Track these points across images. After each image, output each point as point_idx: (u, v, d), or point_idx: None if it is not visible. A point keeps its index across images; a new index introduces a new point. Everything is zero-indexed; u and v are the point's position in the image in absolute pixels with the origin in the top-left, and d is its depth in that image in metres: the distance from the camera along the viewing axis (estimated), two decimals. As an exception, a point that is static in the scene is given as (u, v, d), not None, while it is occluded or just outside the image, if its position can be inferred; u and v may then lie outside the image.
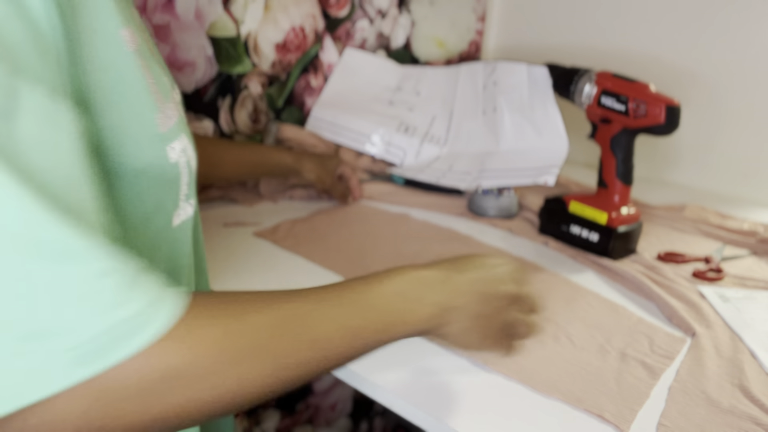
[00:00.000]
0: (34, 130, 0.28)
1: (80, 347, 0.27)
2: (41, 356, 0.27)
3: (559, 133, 0.89)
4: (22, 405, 0.26)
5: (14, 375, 0.26)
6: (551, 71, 0.86)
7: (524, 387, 0.52)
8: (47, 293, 0.27)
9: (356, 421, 1.38)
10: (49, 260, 0.27)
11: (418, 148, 1.06)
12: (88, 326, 0.27)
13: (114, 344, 0.28)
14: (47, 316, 0.27)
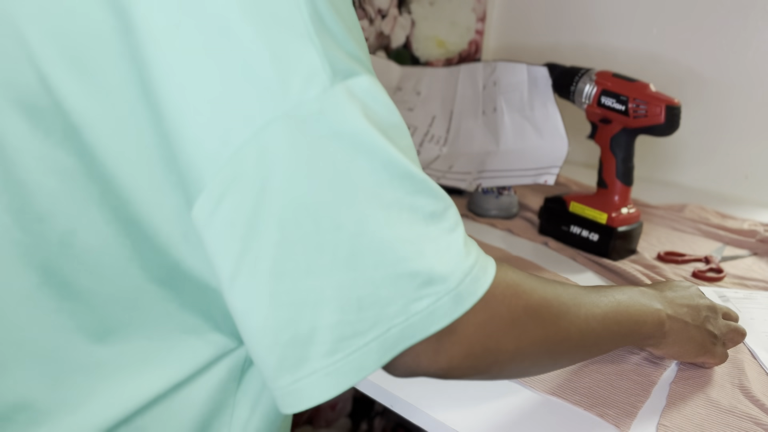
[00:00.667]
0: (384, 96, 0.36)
1: (456, 288, 0.35)
2: (434, 298, 0.35)
3: (559, 133, 0.89)
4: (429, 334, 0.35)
5: (419, 314, 0.35)
6: (551, 71, 0.86)
7: (524, 387, 0.52)
8: (432, 248, 0.35)
9: (356, 421, 1.38)
10: (428, 222, 0.35)
11: (418, 148, 1.06)
12: (457, 272, 0.35)
13: (474, 284, 0.36)
14: (434, 266, 0.35)
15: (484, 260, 0.38)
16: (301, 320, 0.34)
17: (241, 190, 0.33)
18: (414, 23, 1.23)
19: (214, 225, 0.34)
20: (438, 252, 0.35)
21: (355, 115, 0.34)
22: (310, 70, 0.33)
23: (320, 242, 0.33)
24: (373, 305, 0.34)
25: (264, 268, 0.33)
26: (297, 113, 0.32)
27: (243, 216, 0.33)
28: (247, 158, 0.32)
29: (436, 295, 0.35)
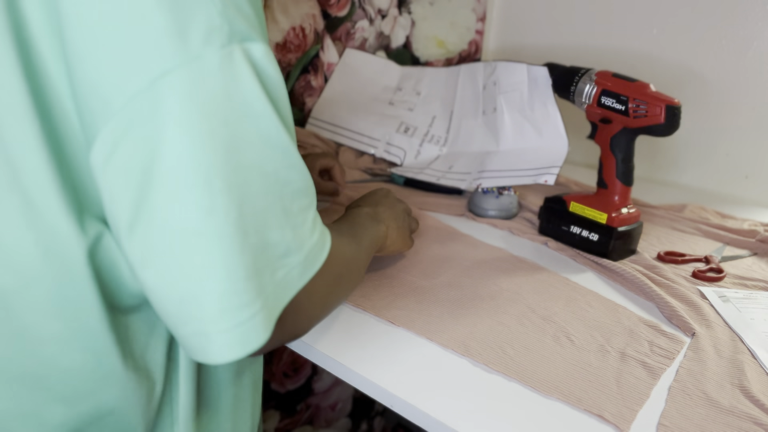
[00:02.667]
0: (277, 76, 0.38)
1: (304, 260, 0.40)
2: (289, 267, 0.39)
3: (559, 133, 0.89)
4: (288, 299, 0.40)
5: (280, 281, 0.39)
6: (551, 71, 0.86)
7: (524, 387, 0.52)
8: (291, 223, 0.39)
9: (356, 421, 1.38)
10: (293, 197, 0.39)
11: (418, 148, 1.06)
12: (307, 245, 0.41)
13: (316, 257, 0.42)
14: (291, 238, 0.39)
15: (324, 235, 0.44)
16: (189, 279, 0.35)
17: (135, 138, 0.33)
18: (414, 23, 1.23)
19: (109, 171, 0.35)
20: (294, 227, 0.40)
21: (249, 77, 0.35)
22: (209, 26, 0.34)
23: (209, 200, 0.34)
24: (254, 276, 0.37)
25: (157, 222, 0.34)
26: (194, 67, 0.33)
27: (137, 165, 0.34)
28: (142, 107, 0.33)
29: (290, 266, 0.40)
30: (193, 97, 0.33)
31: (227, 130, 0.35)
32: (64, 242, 0.38)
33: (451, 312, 0.63)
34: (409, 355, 0.56)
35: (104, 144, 0.34)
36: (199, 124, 0.34)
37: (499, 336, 0.59)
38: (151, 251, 0.35)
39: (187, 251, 0.35)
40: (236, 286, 0.36)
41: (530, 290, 0.69)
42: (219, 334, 0.36)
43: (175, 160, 0.34)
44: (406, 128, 1.08)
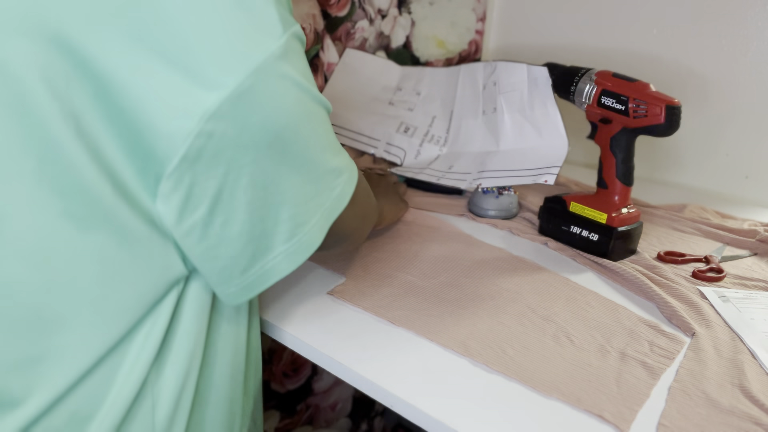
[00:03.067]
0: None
1: (350, 176, 0.51)
2: (341, 185, 0.49)
3: (559, 133, 0.89)
4: (343, 207, 0.50)
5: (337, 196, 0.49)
6: (551, 71, 0.86)
7: (524, 387, 0.52)
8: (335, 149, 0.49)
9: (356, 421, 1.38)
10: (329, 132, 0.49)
11: (418, 148, 1.06)
12: (349, 167, 0.51)
13: (354, 171, 0.52)
14: (338, 163, 0.49)
15: (352, 162, 0.53)
16: (269, 217, 0.45)
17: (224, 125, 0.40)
18: (414, 23, 1.23)
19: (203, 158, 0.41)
20: (337, 154, 0.49)
21: (300, 57, 0.44)
22: (273, 24, 0.42)
23: (285, 156, 0.44)
24: (315, 196, 0.47)
25: (244, 181, 0.42)
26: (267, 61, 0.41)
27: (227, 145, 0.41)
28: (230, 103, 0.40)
29: (342, 182, 0.49)
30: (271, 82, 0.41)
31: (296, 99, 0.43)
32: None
33: (451, 312, 0.63)
34: (409, 355, 0.56)
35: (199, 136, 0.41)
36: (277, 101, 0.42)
37: (499, 336, 0.59)
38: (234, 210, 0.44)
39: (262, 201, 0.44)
40: (304, 207, 0.46)
41: (530, 290, 0.69)
42: (282, 255, 0.47)
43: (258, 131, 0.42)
44: (406, 128, 1.08)
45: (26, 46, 0.38)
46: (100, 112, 0.39)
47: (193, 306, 0.48)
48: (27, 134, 0.39)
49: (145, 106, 0.39)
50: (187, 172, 0.41)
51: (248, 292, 0.47)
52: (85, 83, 0.38)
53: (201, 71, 0.39)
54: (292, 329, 0.59)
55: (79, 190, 0.40)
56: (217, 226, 0.43)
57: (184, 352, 0.48)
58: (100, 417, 0.44)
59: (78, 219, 0.41)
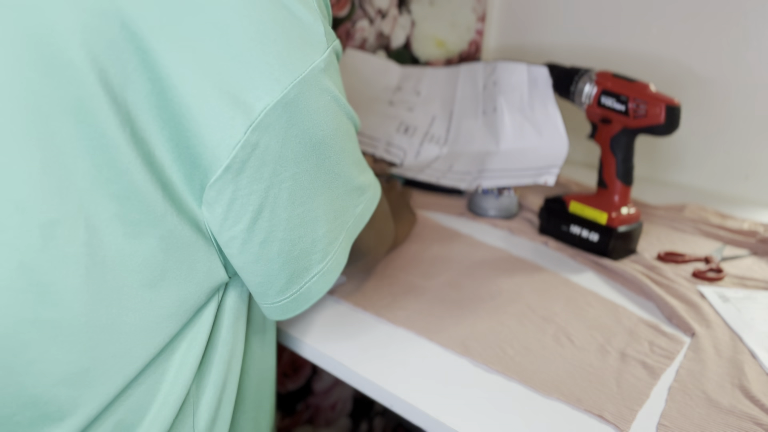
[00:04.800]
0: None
1: (373, 194, 0.52)
2: (365, 203, 0.50)
3: (559, 133, 0.89)
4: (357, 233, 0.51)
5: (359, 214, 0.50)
6: (551, 71, 0.86)
7: (524, 387, 0.52)
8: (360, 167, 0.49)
9: (356, 421, 1.39)
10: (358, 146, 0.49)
11: (418, 148, 1.06)
12: (372, 185, 0.52)
13: (377, 189, 0.53)
14: (363, 181, 0.50)
15: (376, 181, 0.54)
16: (306, 235, 0.45)
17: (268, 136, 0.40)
18: (414, 23, 1.23)
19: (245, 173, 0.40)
20: (363, 171, 0.50)
21: (337, 72, 0.44)
22: (319, 37, 0.42)
23: (320, 170, 0.44)
24: (341, 213, 0.47)
25: (284, 197, 0.42)
26: (311, 73, 0.40)
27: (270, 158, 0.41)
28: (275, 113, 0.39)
29: (365, 200, 0.50)
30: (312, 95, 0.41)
31: (333, 112, 0.43)
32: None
33: (451, 312, 0.63)
34: (409, 355, 0.56)
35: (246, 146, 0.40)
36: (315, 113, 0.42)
37: (499, 336, 0.59)
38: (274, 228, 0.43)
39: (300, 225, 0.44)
40: (335, 223, 0.47)
41: (530, 290, 0.69)
42: (329, 264, 0.47)
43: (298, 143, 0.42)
44: (406, 128, 1.08)
45: (88, 31, 0.37)
46: (153, 114, 0.39)
47: (230, 315, 0.48)
48: (83, 135, 0.38)
49: (194, 113, 0.38)
50: (230, 183, 0.40)
51: (286, 312, 0.48)
52: (144, 82, 0.38)
53: (250, 80, 0.38)
54: (293, 330, 0.59)
55: (131, 193, 0.39)
56: (256, 244, 0.43)
57: (223, 362, 0.48)
58: (145, 427, 0.43)
59: (129, 223, 0.40)
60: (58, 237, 0.38)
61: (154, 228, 0.40)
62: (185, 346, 0.45)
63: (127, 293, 0.40)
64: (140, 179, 0.39)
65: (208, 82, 0.38)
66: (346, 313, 0.62)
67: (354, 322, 0.61)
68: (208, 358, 0.47)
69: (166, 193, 0.40)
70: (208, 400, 0.47)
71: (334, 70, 0.43)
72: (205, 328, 0.46)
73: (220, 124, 0.38)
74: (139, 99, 0.38)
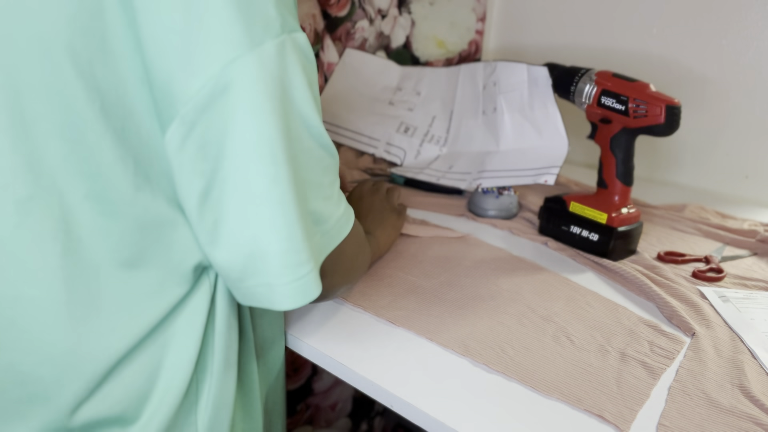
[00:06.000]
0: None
1: (331, 228, 0.47)
2: (320, 234, 0.46)
3: (559, 133, 0.89)
4: (323, 258, 0.46)
5: (315, 241, 0.44)
6: (551, 71, 0.86)
7: (524, 387, 0.52)
8: (321, 194, 0.45)
9: (356, 421, 1.38)
10: (324, 172, 0.45)
11: (418, 148, 1.06)
12: (335, 215, 0.47)
13: (342, 227, 0.48)
14: (323, 208, 0.45)
15: (348, 210, 0.50)
16: (257, 239, 0.41)
17: (209, 118, 0.38)
18: (414, 23, 1.23)
19: (185, 148, 0.39)
20: (326, 198, 0.46)
21: (296, 64, 0.40)
22: (267, 18, 0.38)
23: (274, 170, 0.40)
24: (307, 238, 0.43)
25: (229, 189, 0.40)
26: (257, 53, 0.38)
27: (212, 141, 0.38)
28: (215, 90, 0.37)
29: (320, 233, 0.46)
30: (258, 80, 0.38)
31: (283, 109, 0.40)
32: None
33: (451, 312, 0.63)
34: (409, 355, 0.56)
35: (181, 125, 0.38)
36: (263, 103, 0.38)
37: (499, 336, 0.59)
38: (222, 215, 0.40)
39: (255, 215, 0.40)
40: (296, 246, 0.42)
41: (530, 290, 0.69)
42: (283, 286, 0.42)
43: (246, 135, 0.38)
44: (406, 128, 1.08)
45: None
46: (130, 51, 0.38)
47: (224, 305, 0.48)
48: (53, 111, 0.38)
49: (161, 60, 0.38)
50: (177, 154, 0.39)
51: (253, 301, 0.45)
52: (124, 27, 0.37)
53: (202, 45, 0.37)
54: (292, 330, 0.59)
55: (103, 171, 0.39)
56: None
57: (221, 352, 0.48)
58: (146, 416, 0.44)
59: (103, 201, 0.40)
60: (33, 214, 0.39)
61: (128, 207, 0.41)
62: (181, 332, 0.45)
63: (105, 271, 0.41)
64: (110, 156, 0.39)
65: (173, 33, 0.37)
66: (346, 313, 0.62)
67: (354, 322, 0.61)
68: (206, 349, 0.47)
69: (138, 168, 0.40)
70: (209, 393, 0.47)
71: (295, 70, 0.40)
72: (201, 315, 0.46)
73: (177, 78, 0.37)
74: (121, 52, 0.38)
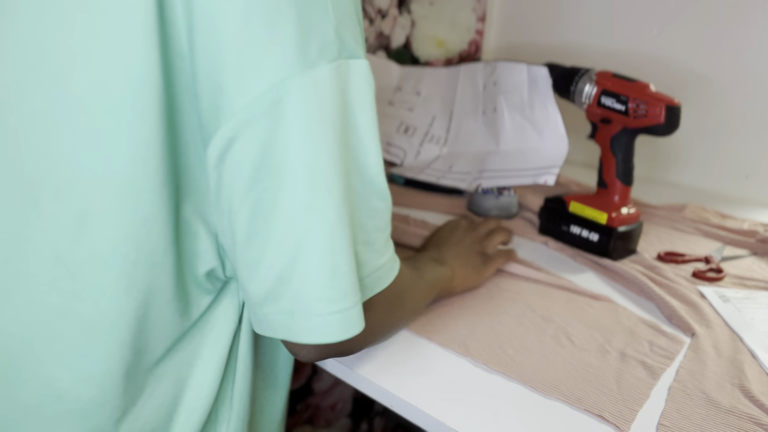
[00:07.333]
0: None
1: (365, 277, 0.43)
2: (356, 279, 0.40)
3: (559, 133, 0.89)
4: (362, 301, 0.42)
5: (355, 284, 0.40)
6: (551, 71, 0.86)
7: (524, 387, 0.52)
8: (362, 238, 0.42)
9: (356, 421, 1.38)
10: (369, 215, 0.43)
11: (418, 148, 1.06)
12: (371, 264, 0.44)
13: (381, 278, 0.45)
14: (360, 252, 0.42)
15: (393, 260, 0.47)
16: (288, 265, 0.38)
17: (253, 134, 0.36)
18: (414, 23, 1.23)
19: (225, 162, 0.37)
20: (364, 243, 0.43)
21: (352, 91, 0.39)
22: (325, 40, 0.37)
23: (312, 200, 0.37)
24: (351, 272, 0.40)
25: (265, 209, 0.37)
26: (310, 75, 0.36)
27: (253, 158, 0.37)
28: (262, 107, 0.35)
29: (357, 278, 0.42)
30: (306, 102, 0.36)
31: (333, 136, 0.38)
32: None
33: (451, 312, 0.63)
34: (408, 356, 0.56)
35: (223, 139, 0.37)
36: (312, 126, 0.36)
37: (499, 336, 0.59)
38: (255, 232, 0.38)
39: (289, 238, 0.38)
40: (330, 281, 0.39)
41: (530, 290, 0.69)
42: (318, 317, 0.39)
43: (290, 157, 0.37)
44: (406, 128, 1.08)
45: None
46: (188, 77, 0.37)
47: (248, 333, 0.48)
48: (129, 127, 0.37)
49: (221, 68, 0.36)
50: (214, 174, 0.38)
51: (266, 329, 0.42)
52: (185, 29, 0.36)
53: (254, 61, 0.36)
54: (292, 329, 0.59)
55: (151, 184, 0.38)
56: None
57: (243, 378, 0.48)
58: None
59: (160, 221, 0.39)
60: (91, 230, 0.38)
61: (169, 216, 0.40)
62: (207, 353, 0.45)
63: (154, 289, 0.40)
64: (158, 167, 0.38)
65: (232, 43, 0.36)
66: (346, 313, 0.62)
67: (354, 322, 0.61)
68: (229, 372, 0.47)
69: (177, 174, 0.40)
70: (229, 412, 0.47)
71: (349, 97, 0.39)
72: (225, 339, 0.45)
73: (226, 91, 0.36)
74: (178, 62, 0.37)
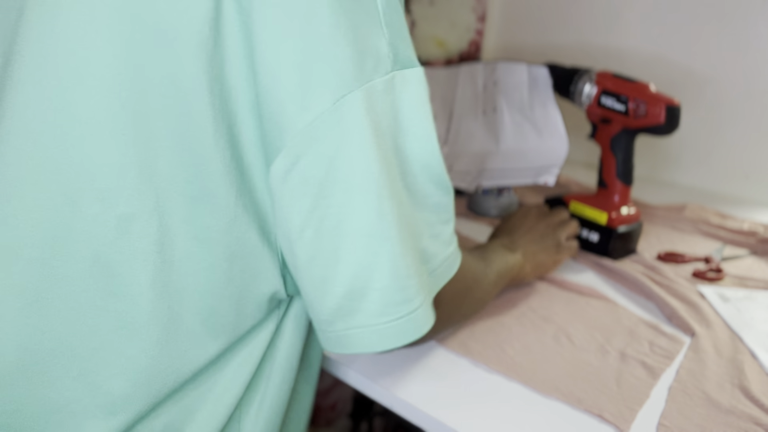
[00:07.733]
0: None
1: (437, 267, 0.45)
2: (427, 273, 0.43)
3: (559, 133, 0.89)
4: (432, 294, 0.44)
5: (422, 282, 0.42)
6: (551, 71, 0.86)
7: (524, 387, 0.52)
8: (429, 232, 0.44)
9: (356, 421, 1.38)
10: (432, 210, 0.44)
11: (418, 148, 1.06)
12: (441, 255, 0.45)
13: (447, 268, 0.46)
14: (429, 247, 0.44)
15: (457, 252, 0.48)
16: (357, 277, 0.40)
17: (317, 152, 0.37)
18: (414, 23, 1.23)
19: (289, 182, 0.38)
20: (433, 237, 0.44)
21: (406, 101, 0.40)
22: (379, 54, 0.38)
23: (379, 210, 0.39)
24: (414, 275, 0.41)
25: (331, 224, 0.39)
26: (366, 89, 0.37)
27: (316, 176, 0.38)
28: (326, 125, 0.37)
29: (427, 271, 0.44)
30: (364, 116, 0.37)
31: (394, 144, 0.39)
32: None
33: (451, 312, 0.63)
34: (408, 356, 0.56)
35: (287, 157, 0.37)
36: (371, 140, 0.38)
37: (499, 336, 0.59)
38: (320, 250, 0.39)
39: (357, 250, 0.39)
40: (400, 283, 0.40)
41: (530, 290, 0.69)
42: (389, 324, 0.41)
43: (354, 171, 0.38)
44: (406, 128, 1.08)
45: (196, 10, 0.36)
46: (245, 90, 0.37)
47: (286, 340, 0.48)
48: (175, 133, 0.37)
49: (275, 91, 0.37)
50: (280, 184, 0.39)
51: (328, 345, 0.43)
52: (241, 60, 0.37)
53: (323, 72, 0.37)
54: (292, 329, 0.59)
55: (206, 196, 0.39)
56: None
57: (276, 383, 0.47)
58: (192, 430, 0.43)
59: (200, 227, 0.39)
60: (132, 231, 0.38)
61: (222, 235, 0.40)
62: (239, 360, 0.45)
63: (189, 296, 0.40)
64: (215, 184, 0.39)
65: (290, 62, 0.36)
66: (346, 313, 0.62)
67: (354, 322, 0.61)
68: (260, 377, 0.47)
69: (239, 198, 0.40)
70: (256, 418, 0.47)
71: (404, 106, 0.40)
72: (260, 349, 0.45)
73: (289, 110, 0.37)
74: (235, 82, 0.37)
